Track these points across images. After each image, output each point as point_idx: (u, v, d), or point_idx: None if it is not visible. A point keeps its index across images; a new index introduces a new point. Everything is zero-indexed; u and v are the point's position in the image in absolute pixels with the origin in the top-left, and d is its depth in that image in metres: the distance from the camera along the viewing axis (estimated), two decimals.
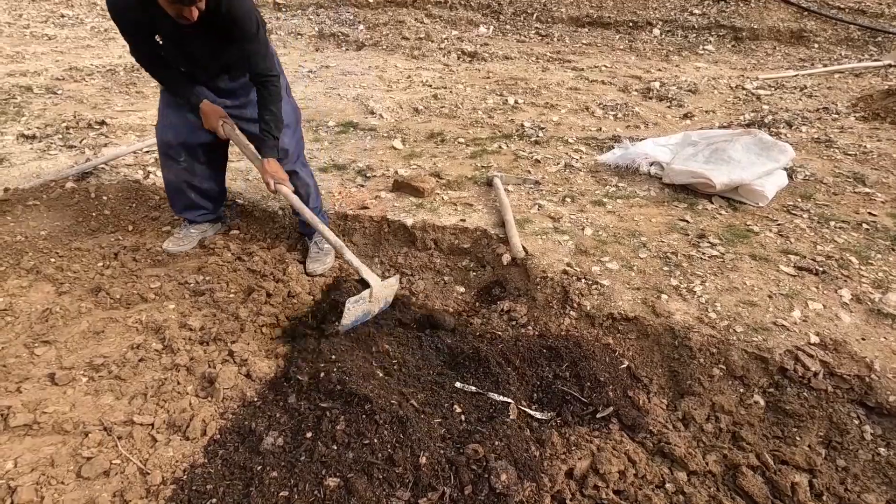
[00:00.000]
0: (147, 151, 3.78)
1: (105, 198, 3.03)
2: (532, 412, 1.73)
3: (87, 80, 5.61)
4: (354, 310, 2.03)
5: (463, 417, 1.66)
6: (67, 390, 1.82)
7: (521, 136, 4.12)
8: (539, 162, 3.63)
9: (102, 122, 4.33)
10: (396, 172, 3.50)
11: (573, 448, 1.58)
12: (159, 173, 3.43)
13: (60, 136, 4.09)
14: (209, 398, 1.78)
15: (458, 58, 6.99)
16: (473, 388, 1.78)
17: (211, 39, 2.07)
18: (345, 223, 2.94)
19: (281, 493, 1.39)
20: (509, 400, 1.73)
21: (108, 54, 6.63)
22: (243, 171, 3.56)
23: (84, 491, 1.47)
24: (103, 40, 7.30)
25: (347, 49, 7.62)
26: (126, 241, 2.73)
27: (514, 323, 2.23)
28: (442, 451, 1.49)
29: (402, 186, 3.21)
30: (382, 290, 2.17)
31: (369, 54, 7.28)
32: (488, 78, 5.95)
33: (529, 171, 3.48)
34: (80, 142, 3.97)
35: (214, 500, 1.41)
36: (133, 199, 3.10)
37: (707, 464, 1.59)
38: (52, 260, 2.58)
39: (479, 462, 1.46)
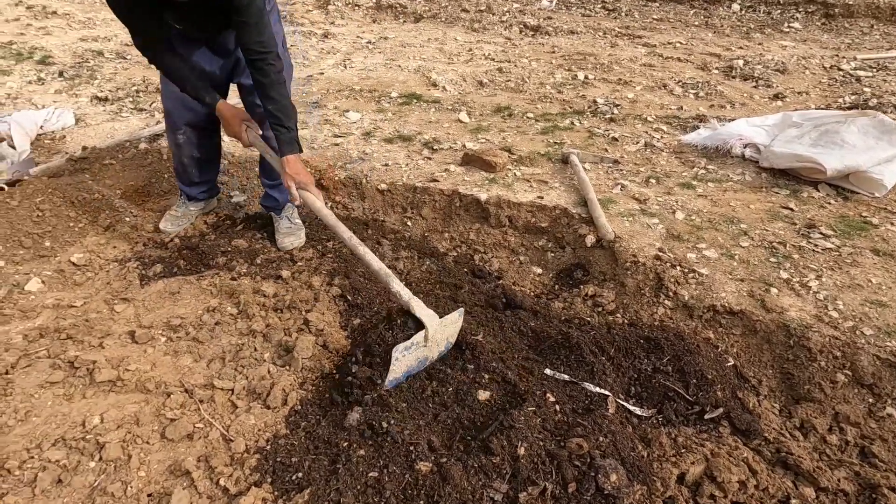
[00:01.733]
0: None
1: (166, 157, 3.02)
2: (631, 407, 1.58)
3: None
4: (405, 360, 1.54)
5: (557, 408, 1.52)
6: (147, 349, 1.80)
7: (594, 113, 3.87)
8: (616, 140, 3.39)
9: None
10: (464, 146, 3.35)
11: (683, 451, 1.42)
12: (226, 137, 3.43)
13: (131, 100, 4.14)
14: (287, 367, 1.72)
15: (521, 31, 6.69)
16: (566, 377, 1.64)
17: (206, 11, 1.81)
18: (413, 195, 2.83)
19: (370, 474, 1.31)
20: (607, 392, 1.58)
21: None
22: (308, 140, 3.49)
23: (169, 452, 1.43)
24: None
25: (405, 21, 7.44)
26: None
27: (599, 309, 2.07)
28: (541, 443, 1.36)
29: (472, 160, 3.06)
30: (443, 329, 1.62)
31: (427, 26, 7.08)
32: (553, 53, 5.66)
33: (606, 150, 3.26)
34: (150, 105, 4.01)
35: (300, 475, 1.34)
36: None
37: (838, 481, 1.40)
38: (127, 219, 2.59)
39: (582, 458, 1.33)
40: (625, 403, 1.59)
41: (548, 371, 1.68)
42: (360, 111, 3.97)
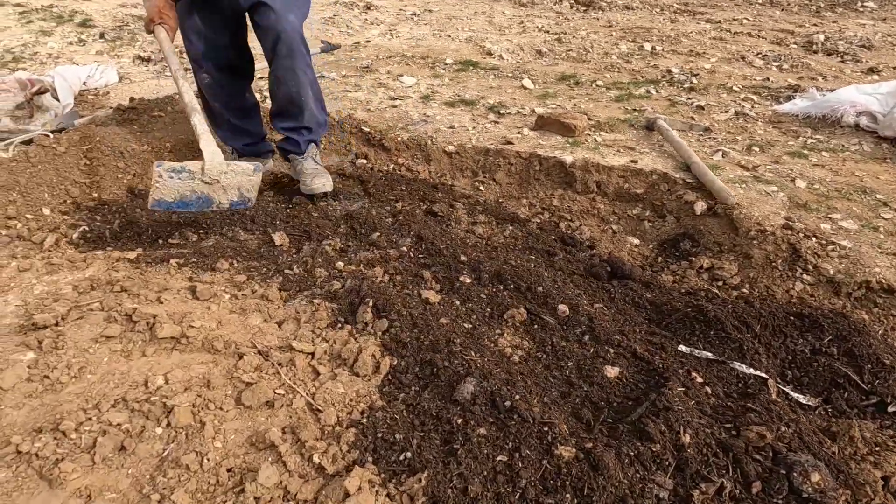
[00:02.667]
0: (260, 77, 3.55)
1: None
2: (793, 393, 1.30)
3: None
4: (172, 183, 1.50)
5: (708, 390, 1.25)
6: (210, 306, 1.57)
7: (670, 83, 3.55)
8: (702, 109, 3.07)
9: None
10: (534, 111, 3.07)
11: (877, 449, 1.14)
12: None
13: (179, 58, 3.95)
14: (370, 332, 1.48)
15: (571, 6, 6.35)
16: (709, 355, 1.37)
17: None
18: (485, 158, 2.57)
19: (498, 457, 1.06)
20: (764, 374, 1.30)
21: None
22: (363, 102, 3.25)
23: (247, 421, 1.20)
24: None
25: None
26: None
27: (720, 283, 1.78)
28: (707, 430, 1.09)
29: (547, 123, 2.78)
30: (231, 175, 1.61)
31: (472, 0, 6.78)
32: (610, 27, 5.32)
33: (693, 118, 2.95)
34: None
35: (409, 455, 1.09)
36: None
37: None
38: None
39: (763, 451, 1.05)
40: (785, 389, 1.31)
41: (682, 348, 1.41)
42: (414, 76, 3.71)
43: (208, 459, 1.09)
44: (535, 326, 1.51)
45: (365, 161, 2.66)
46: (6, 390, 1.22)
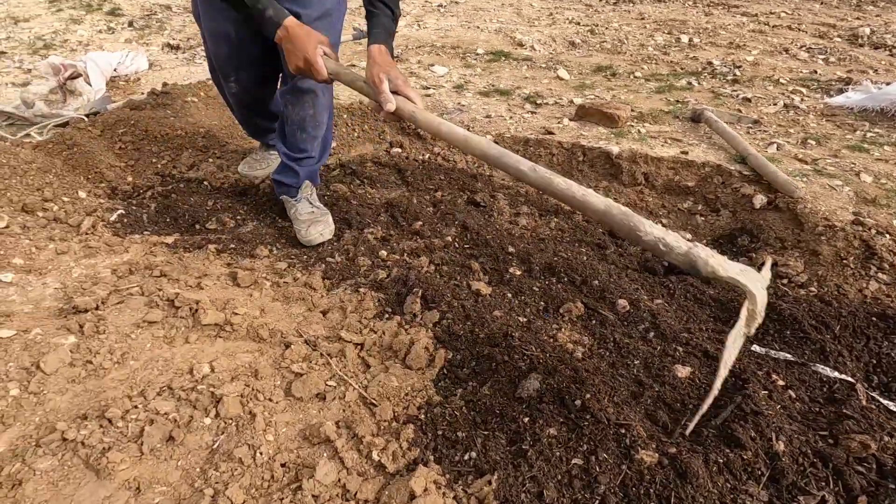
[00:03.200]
0: None
1: None
2: (883, 401, 1.20)
3: None
4: (733, 354, 0.93)
5: (792, 394, 1.15)
6: (253, 293, 1.51)
7: (712, 75, 3.42)
8: (749, 101, 2.94)
9: None
10: (572, 101, 2.97)
11: None
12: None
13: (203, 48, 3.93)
14: (420, 324, 1.40)
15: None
16: (788, 356, 1.27)
17: None
18: (524, 148, 2.48)
19: (573, 461, 0.98)
20: (850, 379, 1.20)
21: None
22: None
23: (298, 414, 1.13)
24: None
25: None
26: None
27: (785, 281, 1.67)
28: (802, 438, 1.00)
29: (588, 113, 2.68)
30: (764, 293, 0.96)
31: None
32: (642, 19, 5.18)
33: (740, 110, 2.82)
34: None
35: (473, 454, 1.02)
36: None
37: None
38: (210, 160, 2.34)
39: (866, 462, 0.96)
40: (875, 395, 1.20)
41: (757, 348, 1.31)
42: (445, 66, 3.63)
43: (261, 453, 1.02)
44: (594, 322, 1.42)
45: (400, 150, 2.59)
46: (49, 374, 1.18)
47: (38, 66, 3.02)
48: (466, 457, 1.02)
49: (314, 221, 1.78)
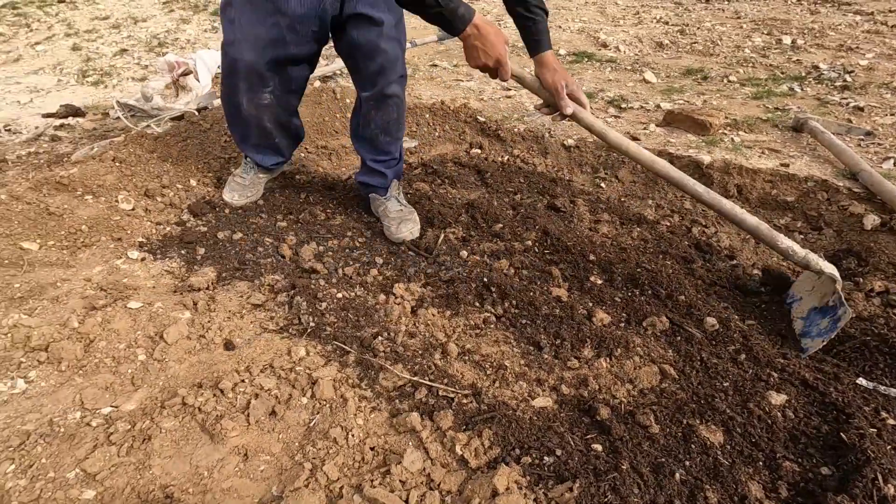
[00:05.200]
0: None
1: (348, 100, 2.89)
2: None
3: None
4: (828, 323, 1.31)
5: None
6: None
7: (818, 80, 3.16)
8: (861, 110, 2.70)
9: None
10: (659, 106, 2.86)
11: None
12: None
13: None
14: (501, 321, 1.43)
15: None
16: None
17: None
18: (606, 155, 2.43)
19: (674, 477, 0.97)
20: None
21: None
22: (475, 91, 3.21)
23: (383, 402, 1.20)
24: None
25: None
26: None
27: None
28: None
29: (677, 119, 2.58)
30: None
31: None
32: (738, 18, 4.87)
33: (850, 120, 2.60)
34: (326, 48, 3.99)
35: (552, 459, 1.03)
36: None
37: None
38: (303, 154, 2.49)
39: None
40: None
41: (863, 381, 1.22)
42: (526, 66, 3.61)
43: (353, 435, 1.10)
44: (679, 338, 1.39)
45: (480, 151, 2.62)
46: (170, 344, 1.32)
47: (155, 63, 3.35)
48: (548, 461, 1.03)
49: (403, 220, 1.82)
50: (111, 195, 1.91)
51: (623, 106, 2.90)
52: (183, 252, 1.72)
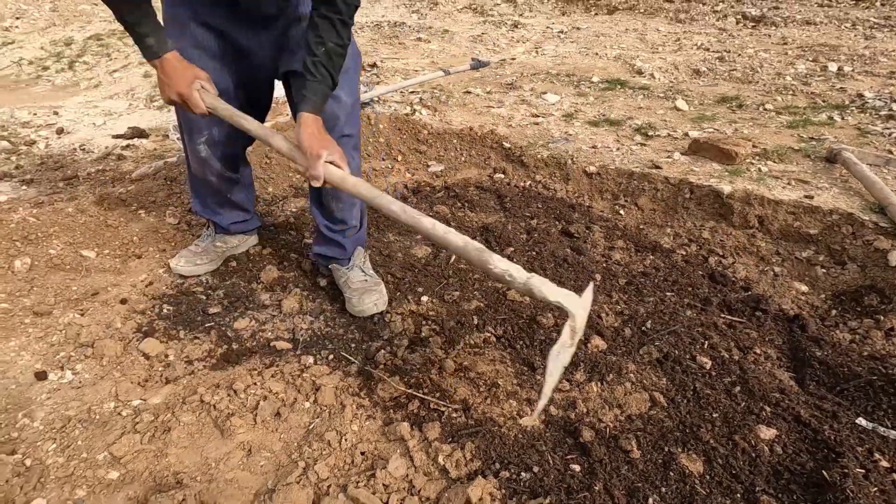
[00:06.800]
0: (412, 91, 3.81)
1: (381, 126, 3.06)
2: None
3: (359, 32, 6.11)
4: (558, 364, 1.06)
5: None
6: None
7: (861, 109, 3.05)
8: None
9: (374, 65, 4.57)
10: (686, 134, 2.86)
11: None
12: (425, 111, 3.42)
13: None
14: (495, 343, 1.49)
15: (738, 22, 5.82)
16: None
17: None
18: (628, 182, 2.45)
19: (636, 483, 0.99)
20: None
21: (374, 13, 7.19)
22: (505, 118, 3.31)
23: (379, 411, 1.28)
24: (369, 2, 7.99)
25: (597, 13, 7.01)
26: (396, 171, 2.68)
27: None
28: None
29: (702, 148, 2.57)
30: (584, 313, 1.09)
31: (623, 18, 6.56)
32: (785, 44, 4.76)
33: (891, 152, 2.50)
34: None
35: (529, 475, 1.08)
36: (403, 130, 3.08)
37: None
38: None
39: None
40: None
41: (862, 421, 1.19)
42: (557, 94, 3.69)
43: (346, 440, 1.19)
44: (675, 367, 1.40)
45: (503, 176, 2.71)
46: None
47: None
48: (523, 476, 1.08)
49: (367, 290, 1.61)
50: (161, 210, 2.13)
51: (650, 134, 2.91)
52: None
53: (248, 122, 1.35)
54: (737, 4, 6.30)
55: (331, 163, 1.25)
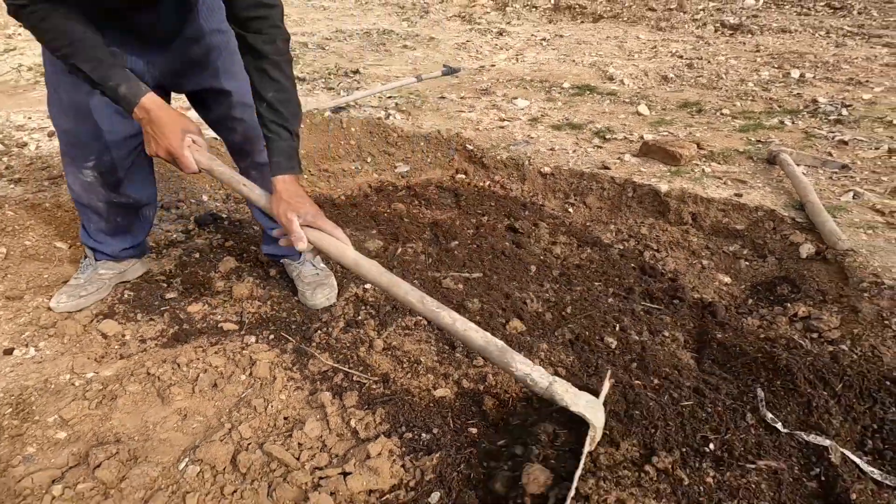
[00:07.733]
0: (389, 96, 3.97)
1: (353, 129, 3.21)
2: (866, 467, 1.14)
3: (348, 40, 6.30)
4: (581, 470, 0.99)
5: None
6: None
7: (812, 114, 3.18)
8: (845, 143, 2.71)
9: (356, 72, 4.74)
10: (642, 137, 2.99)
11: None
12: (398, 115, 3.57)
13: (323, 80, 4.58)
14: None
15: (716, 30, 5.95)
16: (780, 427, 1.26)
17: None
18: (578, 181, 2.58)
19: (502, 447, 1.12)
20: (825, 443, 1.17)
21: (366, 21, 7.38)
22: (474, 121, 3.46)
23: (308, 384, 1.42)
24: (363, 10, 8.19)
25: (583, 21, 7.17)
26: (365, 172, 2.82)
27: (814, 335, 1.59)
28: None
29: (651, 150, 2.70)
30: (602, 416, 1.07)
31: (607, 26, 6.71)
32: (757, 52, 4.89)
33: (830, 153, 2.62)
34: (337, 84, 4.39)
35: (427, 436, 1.21)
36: (375, 133, 3.23)
37: None
38: (306, 176, 2.80)
39: None
40: (856, 460, 1.15)
41: (759, 392, 1.31)
42: (528, 99, 3.83)
43: (272, 406, 1.32)
44: (584, 347, 1.52)
45: (464, 176, 2.85)
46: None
47: None
48: (423, 436, 1.21)
49: (319, 284, 1.67)
50: None
51: (607, 137, 3.05)
52: (181, 255, 2.04)
53: (248, 189, 1.26)
54: (716, 13, 6.44)
55: (312, 225, 1.20)
